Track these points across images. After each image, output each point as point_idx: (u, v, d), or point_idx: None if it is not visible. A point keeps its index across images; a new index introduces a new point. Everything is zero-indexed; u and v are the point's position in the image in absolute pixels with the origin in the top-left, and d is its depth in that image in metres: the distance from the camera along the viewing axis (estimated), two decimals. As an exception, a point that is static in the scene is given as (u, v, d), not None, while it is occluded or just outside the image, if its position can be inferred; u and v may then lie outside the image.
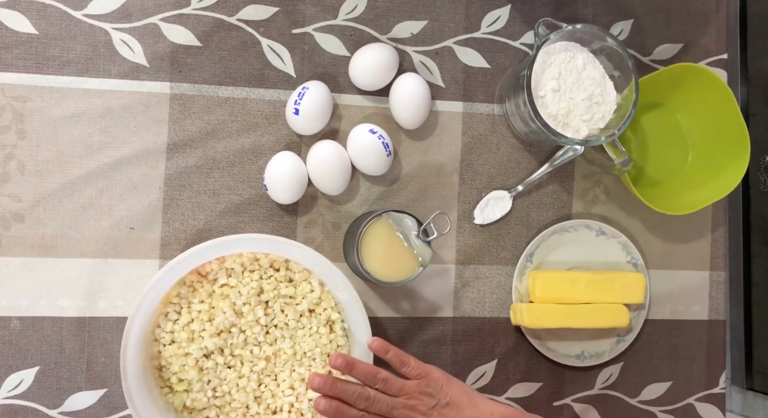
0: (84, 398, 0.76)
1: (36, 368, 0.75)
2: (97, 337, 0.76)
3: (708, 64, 0.89)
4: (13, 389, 0.74)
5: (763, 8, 0.88)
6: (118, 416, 0.76)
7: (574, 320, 0.82)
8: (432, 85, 0.82)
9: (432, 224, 0.73)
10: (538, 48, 0.74)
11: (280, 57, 0.80)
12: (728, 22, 0.90)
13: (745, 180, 0.82)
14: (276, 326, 0.75)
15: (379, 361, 0.71)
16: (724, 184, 0.83)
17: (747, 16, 0.91)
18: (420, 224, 0.74)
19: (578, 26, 0.74)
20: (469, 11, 0.84)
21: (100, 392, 0.76)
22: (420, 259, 0.74)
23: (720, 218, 0.90)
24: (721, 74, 0.89)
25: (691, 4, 0.89)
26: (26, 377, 0.75)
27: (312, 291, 0.75)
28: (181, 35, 0.78)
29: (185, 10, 0.78)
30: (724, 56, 0.90)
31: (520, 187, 0.84)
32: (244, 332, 0.73)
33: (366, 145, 0.77)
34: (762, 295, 1.07)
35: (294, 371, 0.75)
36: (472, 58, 0.84)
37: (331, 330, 0.76)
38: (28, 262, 0.75)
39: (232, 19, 0.79)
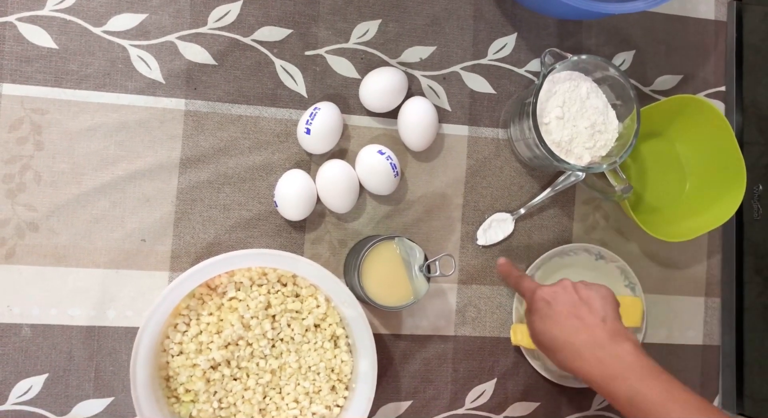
0: (91, 406, 0.77)
1: (45, 375, 0.76)
2: (106, 346, 0.77)
3: (706, 95, 0.92)
4: (22, 395, 0.75)
5: (759, 41, 0.91)
6: (124, 425, 0.78)
7: (572, 342, 0.83)
8: (439, 109, 0.84)
9: (437, 263, 0.74)
10: (544, 76, 0.76)
11: (293, 77, 0.82)
12: (726, 56, 0.93)
13: (739, 208, 0.84)
14: (282, 339, 0.76)
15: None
16: (720, 212, 0.85)
17: (743, 48, 0.93)
18: (427, 258, 0.75)
19: (583, 57, 0.77)
20: (476, 38, 0.86)
21: (107, 401, 0.77)
22: (414, 291, 0.75)
23: (715, 245, 0.92)
24: (719, 106, 0.92)
25: (690, 37, 0.92)
26: (35, 383, 0.76)
27: (318, 306, 0.76)
28: (197, 53, 0.80)
29: (202, 30, 0.80)
30: (722, 88, 0.92)
31: (522, 211, 0.86)
32: (250, 345, 0.75)
33: (374, 165, 0.79)
34: (753, 321, 1.09)
35: (298, 384, 0.76)
36: (478, 83, 0.86)
37: (336, 345, 0.77)
38: (40, 271, 0.76)
39: (247, 40, 0.81)
